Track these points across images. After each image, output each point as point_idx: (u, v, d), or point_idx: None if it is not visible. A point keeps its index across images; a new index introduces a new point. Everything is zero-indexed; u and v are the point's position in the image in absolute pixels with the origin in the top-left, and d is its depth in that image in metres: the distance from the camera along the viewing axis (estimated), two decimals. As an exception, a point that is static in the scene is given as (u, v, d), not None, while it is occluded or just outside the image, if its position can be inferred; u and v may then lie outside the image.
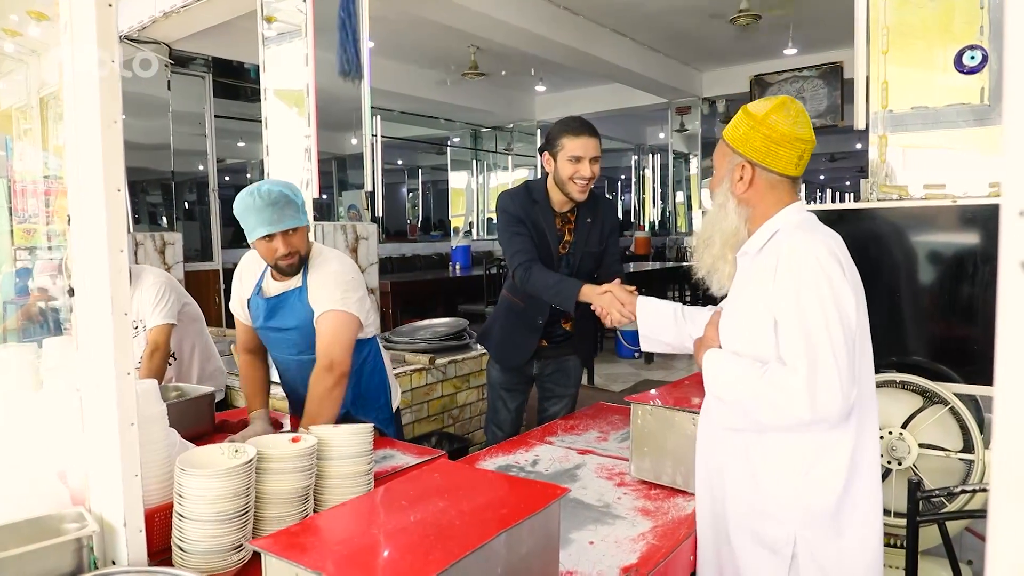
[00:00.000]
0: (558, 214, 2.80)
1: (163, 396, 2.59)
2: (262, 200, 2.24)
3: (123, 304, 1.42)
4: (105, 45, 1.38)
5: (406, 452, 2.39)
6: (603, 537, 1.79)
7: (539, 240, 2.75)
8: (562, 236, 2.81)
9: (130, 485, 1.44)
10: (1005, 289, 0.49)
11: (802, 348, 1.53)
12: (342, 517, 1.33)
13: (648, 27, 8.19)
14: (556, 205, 2.79)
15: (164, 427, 1.71)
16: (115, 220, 1.40)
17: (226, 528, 1.53)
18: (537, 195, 2.79)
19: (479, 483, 1.50)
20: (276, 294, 2.44)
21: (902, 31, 2.62)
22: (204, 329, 3.47)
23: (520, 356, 2.94)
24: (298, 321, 2.42)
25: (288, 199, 2.29)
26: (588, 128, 2.68)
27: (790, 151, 1.65)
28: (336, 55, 4.46)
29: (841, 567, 1.63)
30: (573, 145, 2.63)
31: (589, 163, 2.64)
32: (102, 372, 1.42)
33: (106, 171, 1.39)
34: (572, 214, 2.81)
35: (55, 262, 5.01)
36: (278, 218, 2.26)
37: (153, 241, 6.65)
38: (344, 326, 2.35)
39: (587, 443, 2.57)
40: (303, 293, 2.41)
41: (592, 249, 2.82)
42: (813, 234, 1.61)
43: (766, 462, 1.68)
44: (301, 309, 2.41)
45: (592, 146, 2.65)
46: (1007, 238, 0.50)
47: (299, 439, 1.75)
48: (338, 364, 2.30)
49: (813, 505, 1.63)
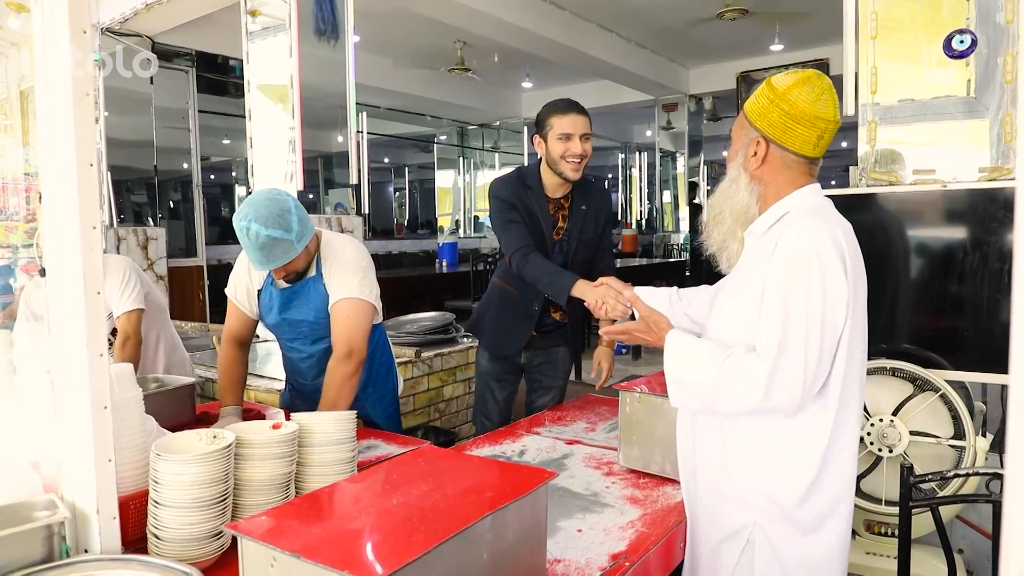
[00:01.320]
0: (551, 200, 2.76)
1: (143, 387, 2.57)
2: (251, 243, 2.14)
3: (96, 283, 1.37)
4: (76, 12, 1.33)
5: (390, 442, 2.35)
6: (591, 525, 1.75)
7: (532, 226, 2.72)
8: (556, 222, 2.78)
9: (103, 470, 1.39)
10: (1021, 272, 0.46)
11: (776, 337, 1.50)
12: (322, 500, 1.29)
13: (635, 22, 8.17)
14: (549, 190, 2.76)
15: (140, 412, 1.66)
16: (87, 195, 1.35)
17: (204, 515, 1.48)
18: (530, 180, 2.76)
19: (465, 468, 1.46)
20: (290, 286, 2.40)
21: (889, 24, 2.61)
22: (168, 319, 3.38)
23: (514, 344, 2.91)
24: (315, 311, 2.39)
25: (275, 241, 2.15)
26: (576, 106, 2.67)
27: (809, 130, 1.58)
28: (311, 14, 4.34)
29: (800, 564, 1.61)
30: (562, 123, 2.62)
31: (580, 140, 2.63)
32: (74, 353, 1.38)
33: (78, 144, 1.34)
34: (566, 200, 2.78)
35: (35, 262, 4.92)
36: (268, 259, 2.18)
37: (136, 237, 6.56)
38: (362, 314, 2.34)
39: (575, 433, 2.53)
40: (319, 281, 2.37)
41: (587, 236, 2.79)
42: (821, 223, 1.55)
43: (736, 448, 1.66)
44: (317, 297, 2.38)
45: (581, 123, 2.63)
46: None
47: (280, 425, 1.70)
48: (357, 352, 2.30)
49: (777, 496, 1.61)
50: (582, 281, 2.46)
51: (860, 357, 1.61)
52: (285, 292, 2.38)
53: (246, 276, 2.47)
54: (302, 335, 2.44)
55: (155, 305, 3.19)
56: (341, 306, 2.32)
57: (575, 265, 2.71)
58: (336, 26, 4.51)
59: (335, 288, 2.33)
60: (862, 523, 2.37)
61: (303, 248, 2.24)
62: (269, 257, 2.18)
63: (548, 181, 2.75)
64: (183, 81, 7.43)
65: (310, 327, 2.41)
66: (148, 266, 6.61)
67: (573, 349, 3.00)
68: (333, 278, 2.34)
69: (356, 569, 1.00)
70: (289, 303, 2.38)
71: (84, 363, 1.36)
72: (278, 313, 2.40)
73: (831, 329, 1.51)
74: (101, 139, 6.40)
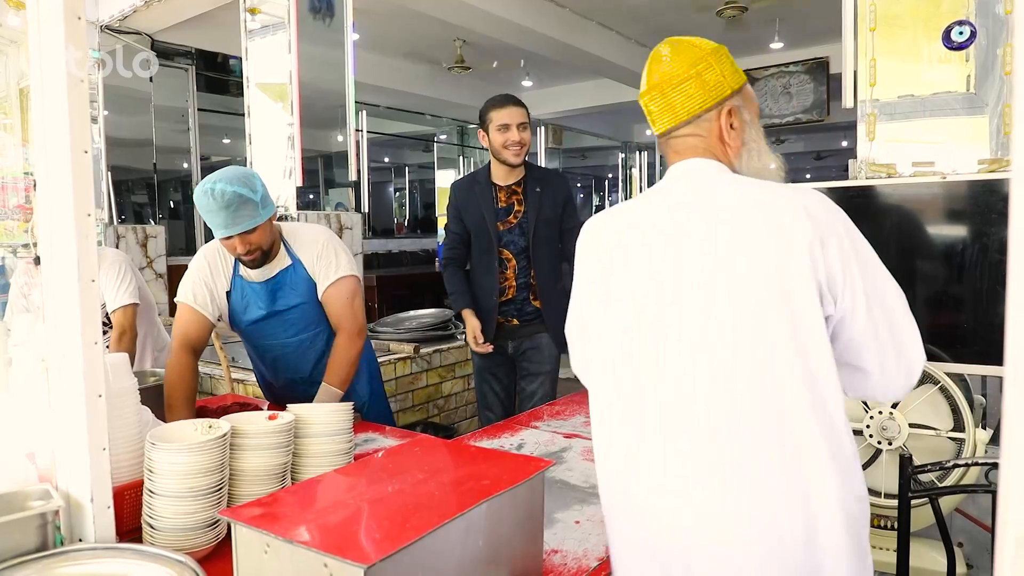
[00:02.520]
0: (503, 187, 3.01)
1: (141, 381, 2.56)
2: (216, 202, 2.12)
3: (91, 270, 1.37)
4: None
5: (388, 436, 2.35)
6: (589, 517, 1.75)
7: (476, 221, 3.00)
8: (510, 208, 3.01)
9: (97, 459, 1.39)
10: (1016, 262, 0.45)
11: None
12: (317, 488, 1.28)
13: (634, 20, 8.15)
14: (500, 179, 3.02)
15: (135, 402, 1.65)
16: (82, 182, 1.35)
17: (199, 504, 1.47)
18: (480, 176, 3.07)
19: (461, 457, 1.45)
20: (269, 277, 2.38)
21: (889, 20, 2.60)
22: (155, 317, 3.38)
23: (485, 335, 3.03)
24: (301, 297, 2.40)
25: (243, 199, 2.15)
26: (512, 99, 2.98)
27: (644, 109, 1.44)
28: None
29: None
30: (499, 115, 2.92)
31: (517, 129, 2.90)
32: (69, 341, 1.37)
33: (72, 131, 1.34)
34: (518, 186, 3.02)
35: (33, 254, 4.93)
36: (233, 221, 2.16)
37: (135, 234, 6.55)
38: (357, 290, 2.43)
39: (573, 427, 2.52)
40: (299, 268, 2.37)
41: (547, 216, 2.99)
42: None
43: None
44: (300, 284, 2.38)
45: (518, 114, 2.92)
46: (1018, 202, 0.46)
47: (276, 416, 1.70)
48: (363, 328, 2.42)
49: None
50: (466, 310, 3.02)
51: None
52: (268, 284, 2.37)
53: (208, 278, 2.39)
54: (288, 325, 2.43)
55: (145, 303, 3.18)
56: (337, 288, 2.36)
57: (538, 243, 2.98)
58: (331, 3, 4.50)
59: (323, 272, 2.35)
60: (861, 516, 2.36)
61: (267, 218, 2.24)
62: (235, 218, 2.16)
63: (497, 171, 3.02)
64: (183, 79, 7.42)
65: (297, 315, 2.40)
66: (147, 264, 6.60)
67: (555, 334, 3.03)
68: (319, 263, 2.35)
69: (350, 554, 0.99)
70: (275, 294, 2.37)
71: (78, 351, 1.36)
72: (265, 306, 2.38)
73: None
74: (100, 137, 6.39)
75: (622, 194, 16.46)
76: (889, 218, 2.43)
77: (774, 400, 1.17)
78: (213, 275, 2.42)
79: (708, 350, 1.19)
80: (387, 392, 3.67)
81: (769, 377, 1.17)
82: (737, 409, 1.18)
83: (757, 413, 1.17)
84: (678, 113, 1.36)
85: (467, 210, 3.03)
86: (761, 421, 1.17)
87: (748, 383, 1.17)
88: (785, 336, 1.16)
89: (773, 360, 1.16)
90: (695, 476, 1.20)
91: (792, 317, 1.16)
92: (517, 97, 3.01)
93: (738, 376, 1.18)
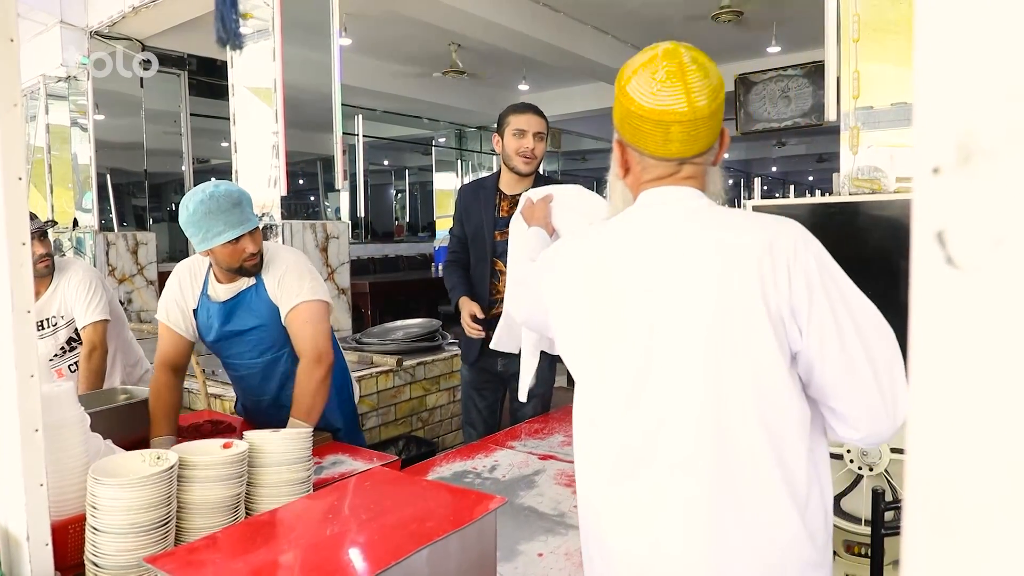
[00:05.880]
0: (507, 197, 2.91)
1: (110, 399, 2.52)
2: (221, 203, 2.11)
3: (25, 302, 1.32)
4: (2, 22, 1.28)
5: (357, 457, 2.29)
6: (553, 549, 1.69)
7: (475, 228, 2.93)
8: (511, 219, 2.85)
9: (33, 496, 1.34)
10: (918, 272, 0.40)
11: None
12: (252, 530, 1.24)
13: (629, 25, 8.11)
14: (507, 188, 2.92)
15: (82, 432, 1.60)
16: (15, 211, 1.30)
17: (143, 541, 1.42)
18: (487, 181, 2.99)
19: (410, 494, 1.40)
20: (229, 297, 2.35)
21: (880, 26, 2.55)
22: (126, 331, 3.31)
23: (471, 352, 2.95)
24: (259, 319, 2.34)
25: (247, 197, 2.21)
26: (532, 108, 2.87)
27: (654, 127, 1.21)
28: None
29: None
30: (517, 120, 2.82)
31: (532, 137, 2.81)
32: (2, 375, 1.32)
33: (5, 158, 1.29)
34: None
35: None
36: (244, 218, 2.16)
37: (126, 241, 6.52)
38: (322, 315, 2.33)
39: (550, 448, 2.47)
40: (260, 289, 2.32)
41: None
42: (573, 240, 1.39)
43: None
44: (260, 306, 2.33)
45: (536, 123, 2.83)
46: (919, 203, 0.40)
47: (231, 444, 1.65)
48: (325, 355, 2.28)
49: None
50: (463, 298, 2.87)
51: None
52: (227, 304, 2.33)
53: (179, 296, 2.40)
54: (248, 347, 2.38)
55: (115, 317, 3.13)
56: (299, 312, 2.28)
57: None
58: (239, 37, 4.40)
59: (285, 296, 2.29)
60: (841, 543, 2.31)
61: (256, 227, 2.24)
62: (244, 215, 2.16)
63: (505, 179, 2.92)
64: (175, 84, 7.39)
65: (257, 337, 2.35)
66: (138, 271, 6.57)
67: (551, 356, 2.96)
68: (280, 287, 2.30)
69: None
70: (231, 314, 2.33)
71: (13, 385, 1.31)
72: (220, 326, 2.34)
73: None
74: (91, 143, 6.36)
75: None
76: (873, 235, 2.37)
77: (730, 442, 1.12)
78: (183, 293, 2.40)
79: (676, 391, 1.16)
80: (369, 406, 3.63)
81: (725, 419, 1.12)
82: (698, 449, 1.14)
83: (714, 455, 1.13)
84: (700, 143, 1.23)
85: (469, 215, 2.96)
86: (716, 463, 1.12)
87: (703, 423, 1.13)
88: (745, 380, 1.12)
89: (728, 402, 1.12)
90: (658, 517, 1.16)
91: (753, 363, 1.12)
92: (539, 108, 2.92)
93: (698, 416, 1.13)
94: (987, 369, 0.38)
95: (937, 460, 0.42)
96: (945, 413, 0.40)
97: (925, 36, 0.37)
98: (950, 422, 0.40)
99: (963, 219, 0.37)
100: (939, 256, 0.38)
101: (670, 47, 1.21)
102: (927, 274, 0.38)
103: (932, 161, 0.37)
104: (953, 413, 0.40)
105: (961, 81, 0.36)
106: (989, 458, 0.40)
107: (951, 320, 0.38)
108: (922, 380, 0.41)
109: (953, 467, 0.41)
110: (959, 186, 0.36)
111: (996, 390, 0.38)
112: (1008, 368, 0.36)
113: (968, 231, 0.36)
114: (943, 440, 0.41)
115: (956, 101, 0.36)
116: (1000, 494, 0.37)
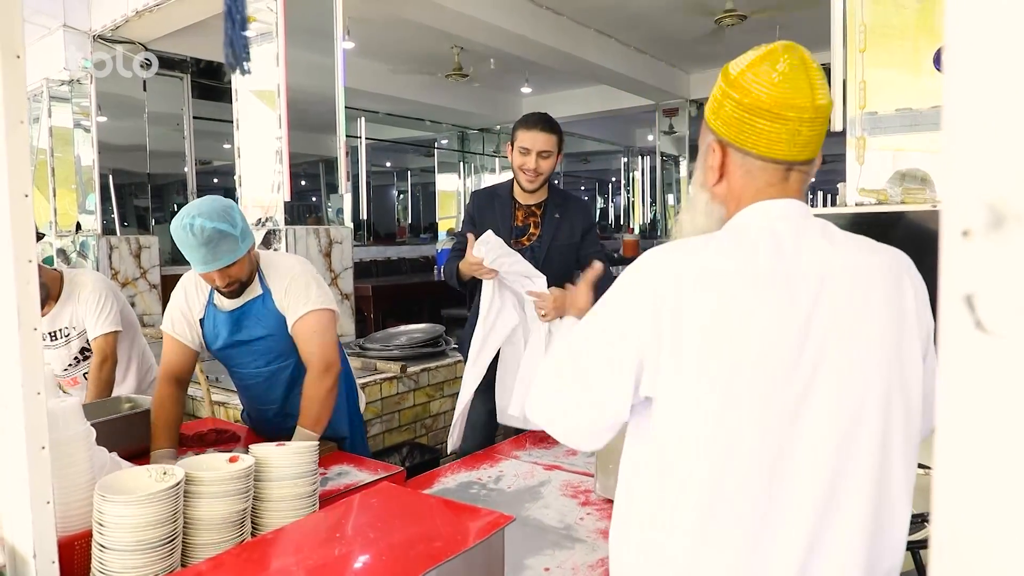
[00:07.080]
0: (522, 206, 2.85)
1: (115, 408, 2.52)
2: (195, 239, 2.08)
3: (32, 319, 1.31)
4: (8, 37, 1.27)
5: (362, 468, 2.29)
6: (560, 563, 1.69)
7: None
8: (526, 228, 2.84)
9: (40, 513, 1.33)
10: (946, 334, 0.40)
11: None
12: (259, 552, 1.23)
13: (632, 28, 8.10)
14: (521, 197, 2.85)
15: (87, 448, 1.60)
16: (21, 229, 1.29)
17: (150, 557, 1.42)
18: (501, 189, 2.89)
19: (418, 511, 1.39)
20: (237, 306, 2.34)
21: (885, 32, 2.54)
22: (140, 338, 3.31)
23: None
24: (267, 329, 2.34)
25: (223, 234, 2.10)
26: (542, 123, 2.72)
27: (772, 123, 1.12)
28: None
29: None
30: (523, 137, 2.71)
31: (536, 156, 2.69)
32: (9, 393, 1.32)
33: (11, 175, 1.28)
34: (539, 208, 2.84)
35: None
36: (213, 257, 2.12)
37: (128, 245, 6.52)
38: (329, 324, 2.32)
39: (555, 457, 2.47)
40: (267, 299, 2.33)
41: (561, 243, 2.82)
42: (680, 253, 1.14)
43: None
44: (268, 316, 2.32)
45: (541, 140, 2.69)
46: (948, 265, 0.40)
47: (237, 459, 1.64)
48: (334, 364, 2.29)
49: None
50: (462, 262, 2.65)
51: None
52: (234, 313, 2.33)
53: (184, 307, 2.39)
54: (255, 356, 2.38)
55: (128, 326, 3.13)
56: (306, 321, 2.28)
57: (549, 272, 2.63)
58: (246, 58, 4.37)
59: (292, 306, 2.28)
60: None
61: (246, 250, 2.20)
62: (215, 254, 2.11)
63: (518, 188, 2.84)
64: (177, 87, 7.39)
65: (265, 346, 2.35)
66: (141, 275, 6.57)
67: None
68: (287, 297, 2.29)
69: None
70: (239, 323, 2.33)
71: (19, 403, 1.31)
72: (228, 336, 2.34)
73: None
74: (94, 146, 6.37)
75: (624, 198, 16.42)
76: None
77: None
78: (189, 303, 2.40)
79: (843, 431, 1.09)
80: (373, 412, 3.63)
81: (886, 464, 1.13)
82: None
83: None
84: (812, 146, 1.16)
85: (483, 221, 2.85)
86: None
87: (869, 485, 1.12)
88: (902, 413, 1.13)
89: (893, 439, 1.13)
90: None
91: (906, 398, 1.13)
92: (552, 121, 2.75)
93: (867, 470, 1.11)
94: (1014, 434, 0.38)
95: (963, 519, 0.42)
96: (971, 475, 0.40)
97: (956, 97, 0.37)
98: (976, 484, 0.40)
99: (993, 284, 0.36)
100: (968, 320, 0.37)
101: (788, 43, 1.15)
102: (956, 337, 0.38)
103: (962, 224, 0.37)
104: (979, 475, 0.40)
105: (993, 145, 0.36)
106: (1016, 519, 0.39)
107: (979, 384, 0.38)
108: (948, 441, 0.40)
109: (979, 527, 0.41)
110: (990, 250, 0.36)
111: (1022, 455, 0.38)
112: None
113: (998, 296, 0.36)
114: (969, 501, 0.41)
115: (988, 165, 0.36)
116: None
